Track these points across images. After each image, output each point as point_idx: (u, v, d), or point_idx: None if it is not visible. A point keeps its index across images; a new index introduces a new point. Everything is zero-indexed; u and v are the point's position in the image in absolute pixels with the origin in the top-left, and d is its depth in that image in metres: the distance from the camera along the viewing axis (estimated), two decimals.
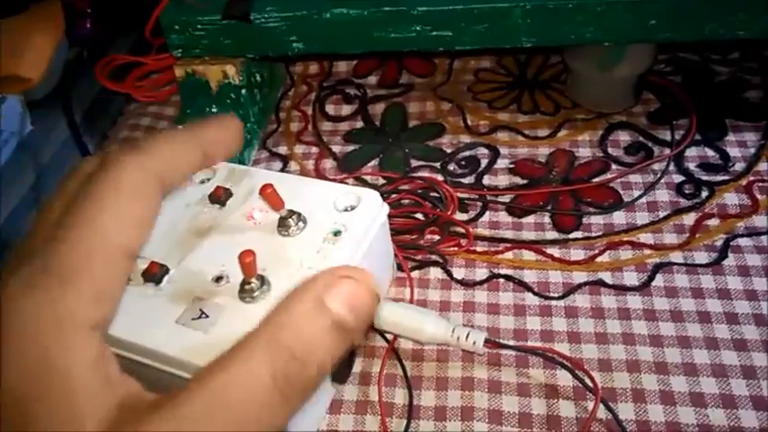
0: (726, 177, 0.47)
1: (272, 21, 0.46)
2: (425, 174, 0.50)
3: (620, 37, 0.44)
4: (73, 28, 0.58)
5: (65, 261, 0.23)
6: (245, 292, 0.31)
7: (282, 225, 0.33)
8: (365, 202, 0.35)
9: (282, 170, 0.52)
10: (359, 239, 0.34)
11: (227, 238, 0.34)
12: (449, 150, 0.52)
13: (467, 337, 0.35)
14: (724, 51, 0.56)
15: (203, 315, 0.31)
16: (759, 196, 0.45)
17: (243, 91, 0.50)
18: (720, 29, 0.42)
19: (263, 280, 0.31)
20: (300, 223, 0.34)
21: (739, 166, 0.47)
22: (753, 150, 0.48)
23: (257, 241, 0.34)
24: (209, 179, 0.37)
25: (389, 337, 0.39)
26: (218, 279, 0.32)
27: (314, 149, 0.54)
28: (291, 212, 0.33)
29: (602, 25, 0.43)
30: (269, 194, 0.31)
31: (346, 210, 0.35)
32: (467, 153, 0.51)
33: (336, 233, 0.33)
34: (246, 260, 0.29)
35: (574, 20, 0.43)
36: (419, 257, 0.44)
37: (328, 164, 0.52)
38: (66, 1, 0.58)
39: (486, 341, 0.36)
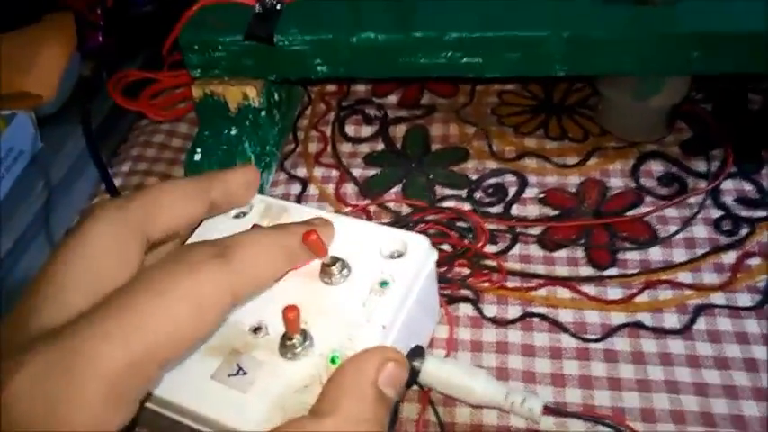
0: (766, 213, 0.45)
1: (296, 43, 0.44)
2: (451, 202, 0.48)
3: (660, 69, 0.42)
4: (84, 40, 0.56)
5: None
6: (286, 348, 0.29)
7: (325, 272, 0.31)
8: (413, 249, 0.33)
9: (302, 194, 0.50)
10: (407, 291, 0.32)
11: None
12: (474, 177, 0.50)
13: (522, 402, 0.33)
14: (757, 79, 0.54)
15: (241, 371, 0.29)
16: None
17: (263, 113, 0.48)
18: (761, 63, 0.40)
19: (305, 335, 0.29)
20: (345, 270, 0.32)
21: None
22: None
23: (298, 289, 0.31)
24: (244, 214, 0.34)
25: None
26: (257, 330, 0.30)
27: (334, 173, 0.52)
28: (335, 259, 0.31)
29: (642, 56, 0.41)
30: (313, 242, 0.29)
31: (392, 256, 0.33)
32: (493, 180, 0.49)
33: (383, 284, 0.31)
34: (290, 316, 0.27)
35: (612, 50, 0.41)
36: (447, 292, 0.42)
37: (349, 188, 0.50)
38: (77, 12, 0.55)
39: (545, 407, 0.34)
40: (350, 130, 0.55)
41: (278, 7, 0.45)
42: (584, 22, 0.41)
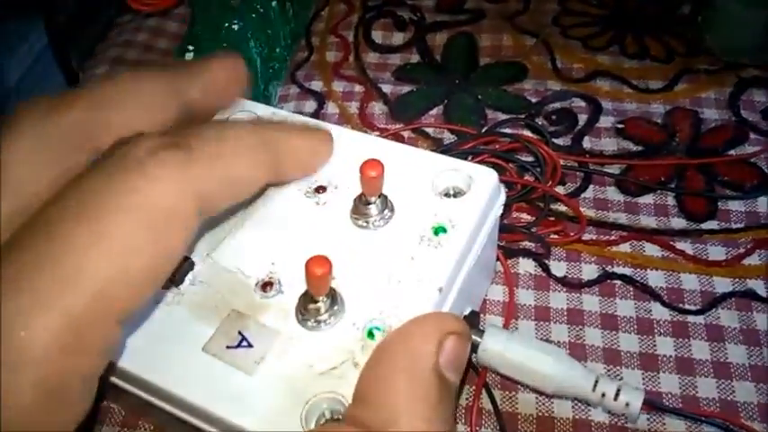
0: None
1: None
2: (506, 129, 0.38)
3: None
4: None
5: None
6: (308, 314, 0.21)
7: (361, 212, 0.23)
8: (479, 185, 0.24)
9: (317, 112, 0.40)
10: (469, 242, 0.23)
11: (278, 221, 0.24)
12: (534, 100, 0.40)
13: (616, 395, 0.25)
14: None
15: (244, 342, 0.21)
16: None
17: (273, 3, 0.38)
18: None
19: (333, 297, 0.21)
20: (387, 211, 0.23)
21: None
22: None
23: (324, 232, 0.23)
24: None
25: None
26: (266, 286, 0.22)
27: (357, 87, 0.42)
28: (378, 197, 0.23)
29: None
30: (372, 179, 0.21)
31: (449, 194, 0.24)
32: (558, 105, 0.40)
33: (438, 231, 0.23)
34: (318, 273, 0.19)
35: None
36: (502, 243, 0.33)
37: (377, 108, 0.41)
38: None
39: (645, 403, 0.25)
40: (377, 36, 0.45)
41: None
42: None
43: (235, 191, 0.20)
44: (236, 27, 0.37)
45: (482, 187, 0.24)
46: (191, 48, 0.37)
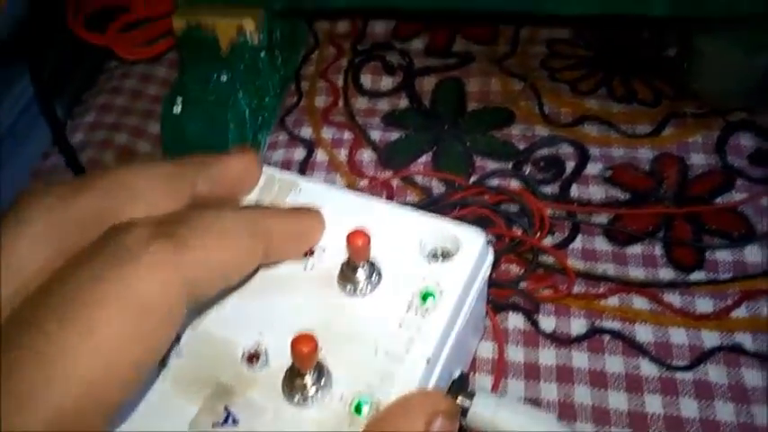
0: None
1: None
2: (494, 178, 0.38)
3: None
4: None
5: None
6: (294, 389, 0.21)
7: (348, 278, 0.23)
8: (467, 247, 0.24)
9: (307, 160, 0.41)
10: (457, 306, 0.23)
11: (266, 287, 0.24)
12: (522, 146, 0.40)
13: None
14: None
15: (230, 419, 0.21)
16: None
17: (262, 54, 0.38)
18: None
19: (320, 371, 0.21)
20: (374, 277, 0.23)
21: None
22: None
23: (311, 299, 0.23)
24: None
25: None
26: (253, 358, 0.22)
27: (347, 134, 0.42)
28: (365, 262, 0.23)
29: None
30: (359, 249, 0.21)
31: (437, 256, 0.24)
32: (546, 151, 0.40)
33: (426, 296, 0.23)
34: (305, 351, 0.19)
35: None
36: (491, 297, 0.33)
37: (366, 156, 0.41)
38: None
39: None
40: (366, 80, 0.45)
41: None
42: None
43: (225, 278, 0.20)
44: (224, 78, 0.37)
45: (470, 249, 0.24)
46: (179, 100, 0.37)
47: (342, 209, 0.26)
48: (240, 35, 0.37)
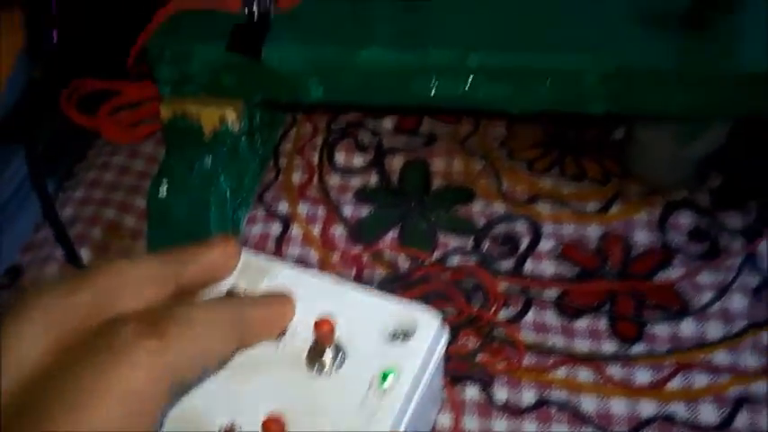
0: None
1: (288, 60, 0.37)
2: (456, 255, 0.42)
3: (714, 113, 0.37)
4: (36, 41, 0.48)
5: None
6: None
7: (315, 359, 0.26)
8: (423, 329, 0.27)
9: (283, 235, 0.44)
10: (415, 383, 0.26)
11: (241, 367, 0.26)
12: (481, 223, 0.44)
13: None
14: None
15: None
16: None
17: (243, 139, 0.42)
18: None
19: None
20: (339, 357, 0.26)
21: None
22: None
23: (281, 379, 0.26)
24: None
25: None
26: None
27: (320, 210, 0.45)
28: (331, 345, 0.26)
29: (695, 98, 0.36)
30: (325, 335, 0.24)
31: (397, 337, 0.27)
32: (503, 228, 0.43)
33: (386, 375, 0.26)
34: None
35: (662, 90, 0.35)
36: (448, 370, 0.36)
37: (338, 231, 0.44)
38: (28, 9, 0.48)
39: None
40: (340, 158, 0.49)
41: (268, 15, 0.38)
42: (629, 52, 0.35)
43: (206, 367, 0.23)
44: (207, 162, 0.41)
45: (426, 330, 0.27)
46: (164, 183, 0.40)
47: (311, 294, 0.29)
48: (222, 123, 0.40)
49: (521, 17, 0.37)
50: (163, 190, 0.40)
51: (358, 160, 0.48)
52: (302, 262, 0.42)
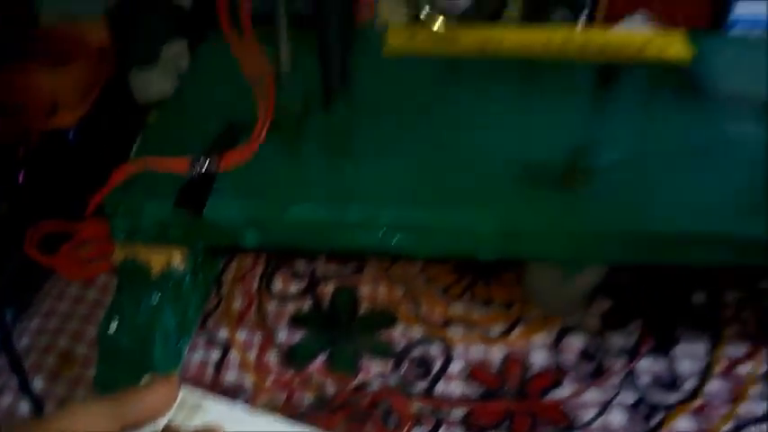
0: (679, 398, 0.46)
1: (227, 214, 0.43)
2: (377, 380, 0.47)
3: (588, 258, 0.44)
4: (3, 182, 0.53)
5: None
6: None
7: None
8: None
9: (222, 360, 0.49)
10: None
11: None
12: (401, 346, 0.50)
13: None
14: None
15: None
16: (709, 421, 0.45)
17: (187, 278, 0.47)
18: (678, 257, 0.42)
19: None
20: None
21: (689, 385, 0.47)
22: (703, 364, 0.48)
23: None
24: None
25: None
26: None
27: (257, 337, 0.50)
28: None
29: (569, 247, 0.43)
30: None
31: None
32: (420, 350, 0.49)
33: None
34: None
35: (540, 241, 0.42)
36: None
37: (272, 357, 0.49)
38: None
39: None
40: (277, 285, 0.54)
41: (210, 174, 0.45)
42: (512, 212, 0.42)
43: None
44: (155, 298, 0.46)
45: None
46: (115, 319, 0.44)
47: (241, 429, 0.33)
48: (169, 265, 0.46)
49: (425, 177, 0.44)
50: (113, 326, 0.44)
51: (294, 287, 0.54)
52: (238, 386, 0.47)
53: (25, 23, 0.61)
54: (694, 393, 0.47)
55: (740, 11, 0.65)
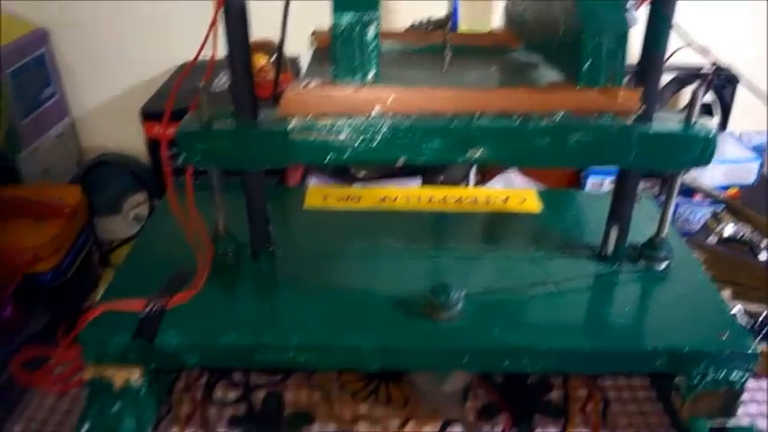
0: None
1: (171, 343, 0.56)
2: None
3: (445, 368, 0.58)
4: None
5: None
6: None
7: None
8: None
9: None
10: None
11: None
12: None
13: None
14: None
15: None
16: None
17: (143, 390, 0.60)
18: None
19: None
20: None
21: None
22: None
23: None
24: None
25: None
26: None
27: None
28: None
29: (431, 359, 0.57)
30: None
31: None
32: None
33: None
34: None
35: (410, 355, 0.57)
36: None
37: None
38: None
39: None
40: (218, 393, 0.67)
41: (160, 312, 0.58)
42: (388, 334, 0.57)
43: None
44: (116, 408, 0.58)
45: None
46: (86, 423, 0.56)
47: None
48: (128, 380, 0.58)
49: (324, 309, 0.59)
50: (84, 429, 0.56)
51: (231, 395, 0.67)
52: None
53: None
54: None
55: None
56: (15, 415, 0.64)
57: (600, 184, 0.88)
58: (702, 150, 0.55)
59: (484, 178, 0.89)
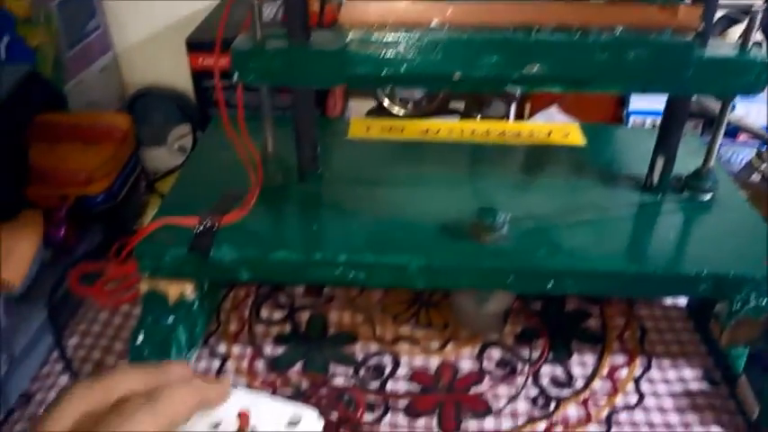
0: (569, 392, 0.61)
1: (225, 258, 0.58)
2: (341, 378, 0.62)
3: (488, 286, 0.60)
4: (49, 234, 0.69)
5: None
6: None
7: None
8: (307, 419, 0.46)
9: (221, 368, 0.63)
10: None
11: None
12: (360, 357, 0.64)
13: None
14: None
15: None
16: (593, 409, 0.60)
17: (195, 305, 0.62)
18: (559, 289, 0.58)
19: None
20: None
21: (580, 383, 0.62)
22: (590, 370, 0.64)
23: None
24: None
25: None
26: None
27: (248, 350, 0.65)
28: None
29: (475, 279, 0.58)
30: (243, 420, 0.43)
31: (292, 424, 0.46)
32: (375, 360, 0.64)
33: None
34: None
35: (454, 274, 0.58)
36: None
37: (260, 365, 0.63)
38: (46, 210, 0.69)
39: None
40: (264, 312, 0.69)
41: (214, 228, 0.60)
42: (434, 254, 0.58)
43: (181, 419, 0.40)
44: (170, 319, 0.60)
45: (308, 420, 0.47)
46: (141, 333, 0.59)
47: (239, 399, 0.48)
48: (182, 294, 0.61)
49: (372, 230, 0.60)
50: (139, 339, 0.59)
51: (277, 314, 0.69)
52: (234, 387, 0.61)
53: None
54: (582, 389, 0.62)
55: (634, 105, 0.85)
56: (71, 329, 0.66)
57: (642, 123, 0.87)
58: (758, 76, 0.54)
59: (523, 119, 0.89)
